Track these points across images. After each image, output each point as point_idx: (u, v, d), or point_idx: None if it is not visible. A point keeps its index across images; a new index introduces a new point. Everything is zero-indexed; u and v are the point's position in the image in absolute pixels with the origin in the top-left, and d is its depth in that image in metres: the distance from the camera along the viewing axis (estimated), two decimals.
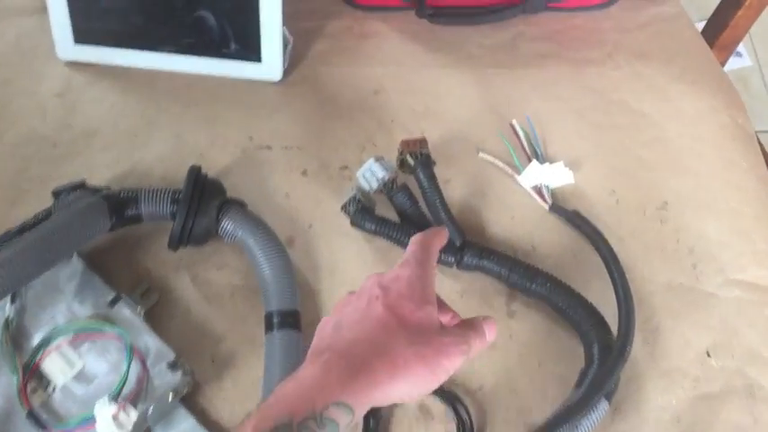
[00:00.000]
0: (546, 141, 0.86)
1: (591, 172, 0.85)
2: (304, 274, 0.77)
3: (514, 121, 0.85)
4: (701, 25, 1.09)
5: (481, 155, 0.85)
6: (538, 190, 0.82)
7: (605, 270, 0.76)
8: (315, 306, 0.75)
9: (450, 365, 0.49)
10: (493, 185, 0.84)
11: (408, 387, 0.47)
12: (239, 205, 0.76)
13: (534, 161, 0.82)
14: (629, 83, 0.92)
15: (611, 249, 0.77)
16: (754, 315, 0.76)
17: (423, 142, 0.79)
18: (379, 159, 0.78)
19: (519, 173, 0.82)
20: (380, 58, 0.94)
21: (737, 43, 1.11)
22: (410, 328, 0.49)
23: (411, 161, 0.77)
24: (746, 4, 1.02)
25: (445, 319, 0.58)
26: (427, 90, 0.91)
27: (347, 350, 0.48)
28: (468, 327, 0.54)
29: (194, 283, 0.76)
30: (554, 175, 0.82)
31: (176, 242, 0.74)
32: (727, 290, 0.77)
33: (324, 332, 0.51)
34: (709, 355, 0.74)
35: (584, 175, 0.84)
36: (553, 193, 0.82)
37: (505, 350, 0.74)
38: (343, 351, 0.47)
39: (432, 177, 0.77)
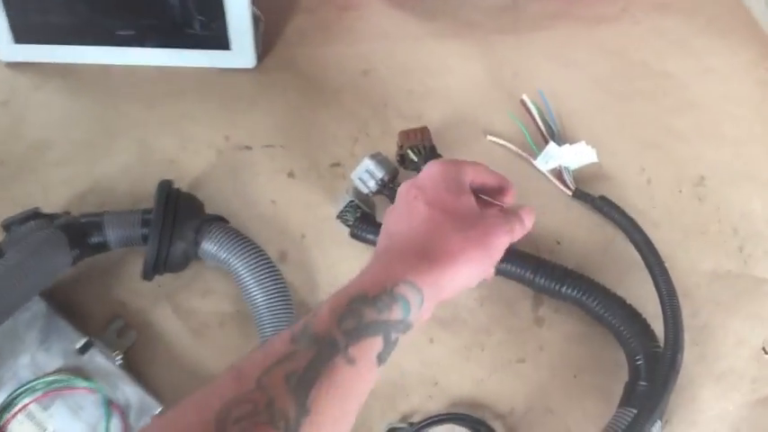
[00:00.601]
0: (562, 117, 0.77)
1: (616, 149, 0.75)
2: (301, 292, 0.69)
3: (525, 97, 0.75)
4: None
5: (490, 138, 0.75)
6: (558, 174, 0.73)
7: (641, 262, 0.68)
8: None
9: (499, 243, 0.51)
10: (506, 172, 0.73)
11: (468, 270, 0.49)
12: (220, 222, 0.67)
13: (551, 142, 0.72)
14: (649, 40, 0.82)
15: (646, 238, 0.68)
16: None
17: (425, 132, 0.69)
18: (375, 157, 0.68)
19: (535, 156, 0.73)
20: (367, 32, 0.83)
21: None
22: (454, 217, 0.51)
23: (413, 156, 0.68)
24: None
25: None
26: (423, 66, 0.80)
27: (405, 247, 0.49)
28: (507, 212, 0.56)
29: (177, 315, 0.67)
30: (575, 156, 0.73)
31: (151, 272, 0.64)
32: None
33: (378, 247, 0.52)
34: (766, 352, 0.66)
35: (608, 152, 0.75)
36: (575, 176, 0.73)
37: (536, 363, 0.66)
38: (401, 248, 0.49)
39: None
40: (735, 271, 0.70)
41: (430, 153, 0.68)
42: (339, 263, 0.70)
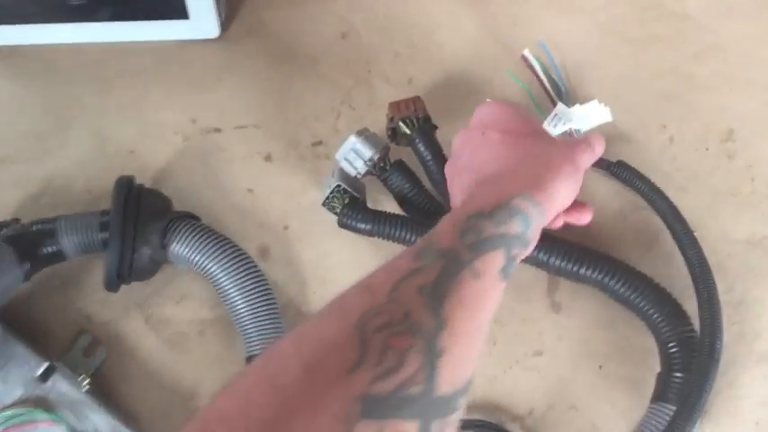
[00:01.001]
0: (569, 72, 0.68)
1: (632, 105, 0.67)
2: (287, 291, 0.62)
3: (527, 52, 0.67)
4: None
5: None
6: (569, 138, 0.65)
7: (667, 233, 0.60)
8: None
9: (583, 159, 0.51)
10: None
11: (567, 184, 0.48)
12: (190, 219, 0.59)
13: (559, 102, 0.64)
14: None
15: (672, 206, 0.61)
16: None
17: (417, 102, 0.61)
18: (362, 134, 0.60)
19: (541, 119, 0.65)
20: None
21: None
22: (536, 139, 0.50)
23: (407, 130, 0.60)
24: None
25: None
26: (409, 23, 0.72)
27: (504, 170, 0.48)
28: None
29: (150, 326, 0.60)
30: (587, 117, 0.64)
31: (114, 282, 0.57)
32: None
33: (464, 182, 0.50)
34: None
35: (623, 110, 0.66)
36: None
37: (555, 355, 0.60)
38: (499, 172, 0.48)
39: (435, 147, 0.60)
40: None
41: (424, 125, 0.60)
42: (328, 255, 0.63)
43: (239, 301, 0.57)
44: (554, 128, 0.64)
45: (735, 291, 0.61)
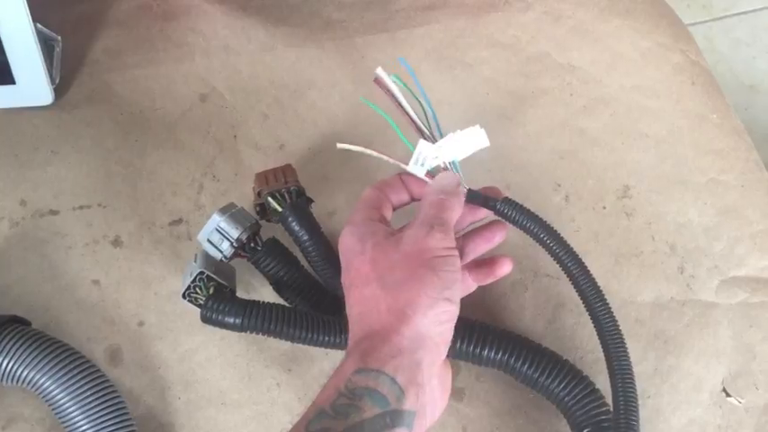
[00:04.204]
0: (449, 132, 0.64)
1: (525, 163, 0.65)
2: (145, 399, 0.55)
3: (380, 71, 0.53)
4: None
5: (339, 145, 0.54)
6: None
7: (571, 302, 0.58)
8: None
9: (426, 252, 0.46)
10: None
11: (425, 313, 0.44)
12: (16, 326, 0.51)
13: (421, 140, 0.53)
14: (544, 28, 0.72)
15: (571, 251, 0.55)
16: None
17: (288, 172, 0.56)
18: (227, 210, 0.54)
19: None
20: (201, 45, 0.69)
21: None
22: (377, 274, 0.46)
23: (277, 206, 0.54)
24: None
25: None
26: (277, 82, 0.67)
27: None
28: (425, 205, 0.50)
29: None
30: (460, 145, 0.54)
31: None
32: (729, 293, 0.62)
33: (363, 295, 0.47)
34: (727, 393, 0.58)
35: (516, 168, 0.64)
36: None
37: None
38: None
39: (311, 225, 0.55)
40: (678, 297, 0.61)
41: (297, 198, 0.55)
42: (194, 353, 0.56)
43: (81, 422, 0.49)
44: (420, 167, 0.57)
45: (647, 360, 0.58)
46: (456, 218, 0.49)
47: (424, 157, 0.54)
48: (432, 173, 0.53)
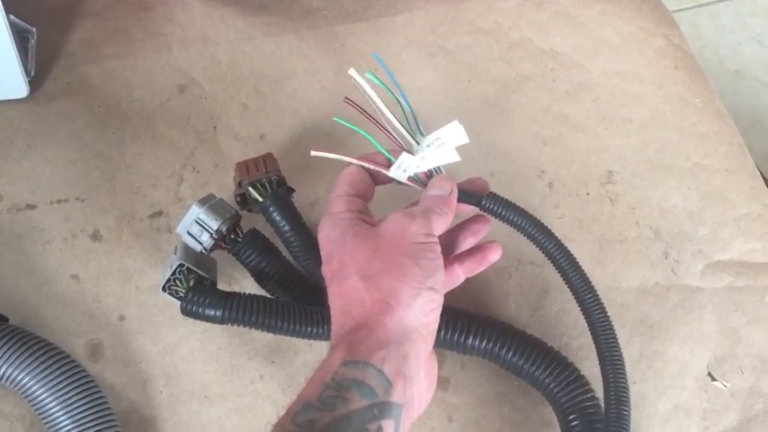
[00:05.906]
0: (432, 121, 0.63)
1: (507, 150, 0.65)
2: (127, 394, 0.55)
3: (353, 71, 0.51)
4: None
5: (313, 153, 0.52)
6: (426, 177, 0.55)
7: (557, 289, 0.58)
8: None
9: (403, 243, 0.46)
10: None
11: (409, 304, 0.44)
12: None
13: (403, 153, 0.52)
14: (526, 14, 0.73)
15: (561, 246, 0.56)
16: (753, 305, 0.61)
17: (269, 161, 0.56)
18: (206, 202, 0.54)
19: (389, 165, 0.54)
20: (179, 35, 0.69)
21: None
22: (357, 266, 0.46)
23: (257, 196, 0.54)
24: None
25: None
26: (257, 72, 0.67)
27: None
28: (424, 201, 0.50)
29: None
30: (441, 152, 0.53)
31: None
32: (714, 278, 0.62)
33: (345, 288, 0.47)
34: (712, 378, 0.58)
35: (499, 156, 0.64)
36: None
37: None
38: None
39: (293, 215, 0.55)
40: (662, 282, 0.61)
41: (278, 188, 0.55)
42: (176, 346, 0.56)
43: (62, 418, 0.49)
44: (402, 173, 0.57)
45: (632, 345, 0.59)
46: (446, 227, 0.49)
47: (406, 166, 0.53)
48: (414, 178, 0.53)
